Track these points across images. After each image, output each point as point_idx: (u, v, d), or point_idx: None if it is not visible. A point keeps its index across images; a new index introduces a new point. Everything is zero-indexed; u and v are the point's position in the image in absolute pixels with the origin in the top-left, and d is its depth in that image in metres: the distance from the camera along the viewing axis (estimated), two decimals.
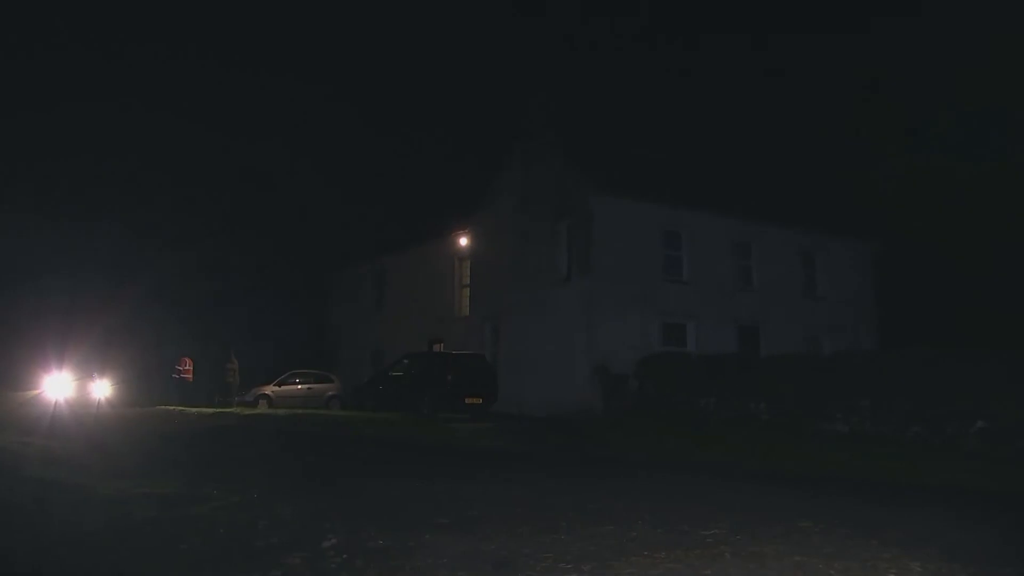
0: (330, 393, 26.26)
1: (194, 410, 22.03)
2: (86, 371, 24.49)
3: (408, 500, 7.57)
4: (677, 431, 15.39)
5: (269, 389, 25.74)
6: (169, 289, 33.20)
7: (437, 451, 12.80)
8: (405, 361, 22.00)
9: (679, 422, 16.76)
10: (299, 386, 26.17)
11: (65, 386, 23.53)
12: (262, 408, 24.07)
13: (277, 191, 51.92)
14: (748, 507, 7.36)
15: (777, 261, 24.26)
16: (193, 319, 31.49)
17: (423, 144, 51.59)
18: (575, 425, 17.46)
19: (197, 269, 36.88)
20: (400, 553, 5.35)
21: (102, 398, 24.40)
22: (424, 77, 64.90)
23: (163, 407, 23.41)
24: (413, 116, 59.85)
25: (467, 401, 19.83)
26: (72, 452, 11.17)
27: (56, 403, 22.07)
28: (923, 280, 28.49)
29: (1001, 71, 27.97)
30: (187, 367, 25.64)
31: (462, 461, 11.25)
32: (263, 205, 48.62)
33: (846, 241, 25.73)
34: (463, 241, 26.39)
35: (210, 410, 22.10)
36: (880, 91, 33.43)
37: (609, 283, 21.25)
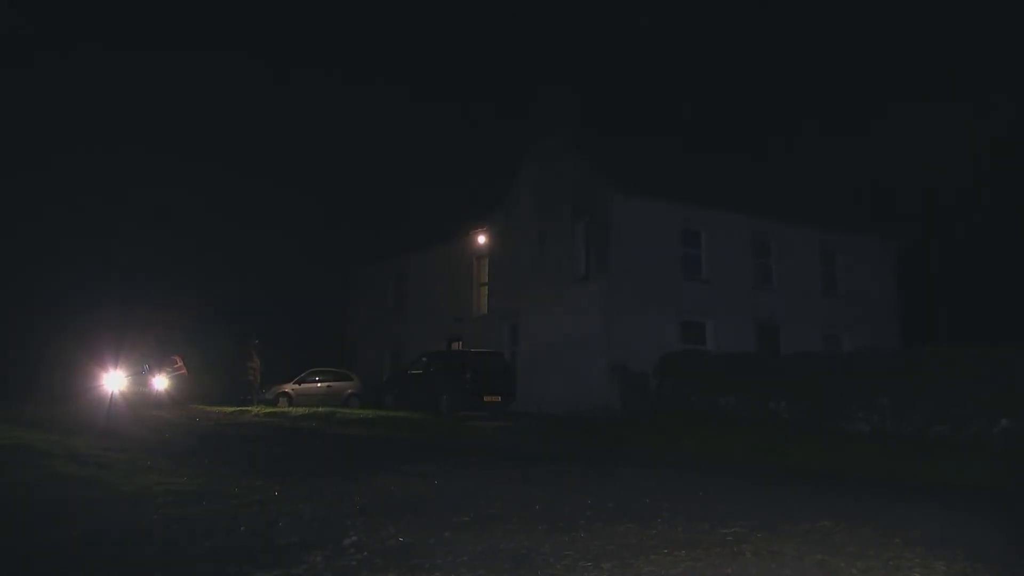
0: (349, 391, 26.41)
1: (214, 408, 22.28)
2: (141, 366, 25.19)
3: (427, 498, 7.59)
4: (696, 430, 15.31)
5: (289, 387, 25.93)
6: (198, 289, 33.73)
7: (456, 449, 12.83)
8: (424, 359, 22.07)
9: (698, 421, 16.68)
10: (319, 384, 26.33)
11: (120, 381, 24.23)
12: (282, 406, 24.25)
13: (298, 190, 52.37)
14: (768, 505, 7.32)
15: (797, 259, 24.09)
16: (215, 318, 31.87)
17: (442, 143, 51.79)
18: (593, 423, 17.42)
19: (220, 268, 37.33)
20: (420, 551, 5.37)
21: (162, 390, 25.09)
22: (443, 78, 65.07)
23: (186, 404, 23.72)
24: (431, 116, 60.03)
25: (486, 399, 19.87)
26: (96, 449, 11.29)
27: (112, 397, 22.65)
28: (945, 277, 28.22)
29: None
30: (179, 364, 26.22)
31: (481, 459, 11.26)
32: (284, 205, 49.07)
33: (867, 239, 25.51)
34: (481, 240, 26.42)
35: (230, 408, 22.32)
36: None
37: (627, 281, 21.19)
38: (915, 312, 26.14)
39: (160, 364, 26.43)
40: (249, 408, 22.51)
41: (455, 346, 26.55)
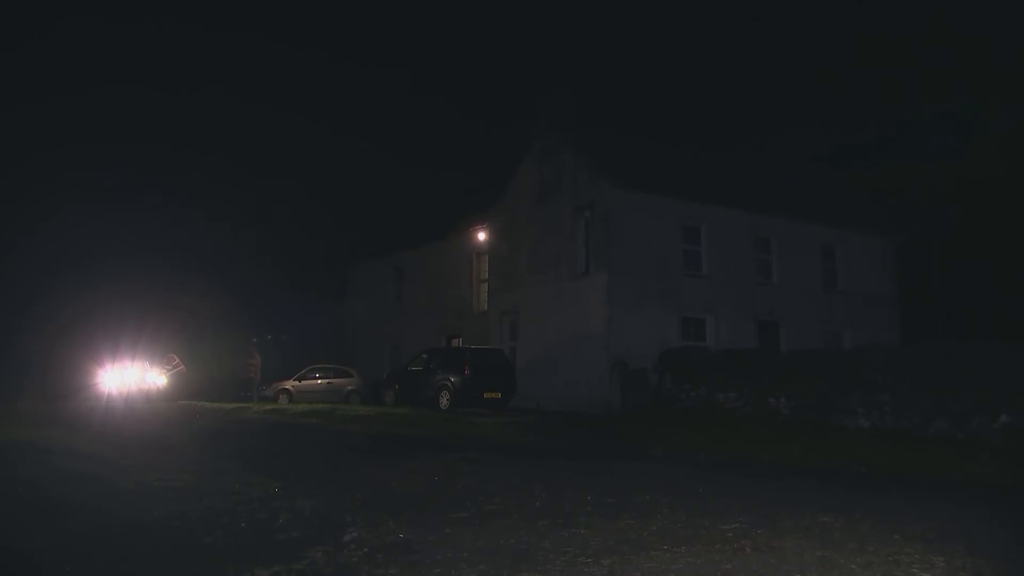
0: (349, 388, 26.42)
1: (214, 405, 22.27)
2: (139, 363, 25.16)
3: (428, 494, 7.60)
4: (696, 426, 15.32)
5: (289, 384, 25.93)
6: (197, 286, 33.71)
7: (456, 446, 12.83)
8: (424, 356, 22.06)
9: (698, 417, 16.69)
10: (319, 381, 26.34)
11: (119, 378, 24.14)
12: (282, 403, 24.25)
13: (297, 187, 52.39)
14: (769, 501, 7.32)
15: (797, 255, 24.08)
16: (214, 315, 31.86)
17: (442, 139, 51.73)
18: (594, 420, 17.43)
19: (219, 265, 37.32)
20: (420, 547, 5.37)
21: (155, 388, 25.05)
22: (443, 73, 64.98)
23: (185, 401, 23.71)
24: (432, 112, 59.97)
25: (485, 396, 19.87)
26: (96, 446, 11.30)
27: (108, 395, 22.56)
28: (945, 274, 28.19)
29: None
30: (177, 361, 26.27)
31: (481, 456, 11.26)
32: (283, 201, 49.07)
33: (867, 235, 25.49)
34: (481, 236, 26.40)
35: (230, 405, 22.33)
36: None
37: (628, 277, 21.19)
38: (915, 308, 26.14)
39: (159, 361, 26.47)
40: (249, 405, 22.52)
41: (455, 342, 26.55)
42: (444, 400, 19.95)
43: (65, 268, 35.04)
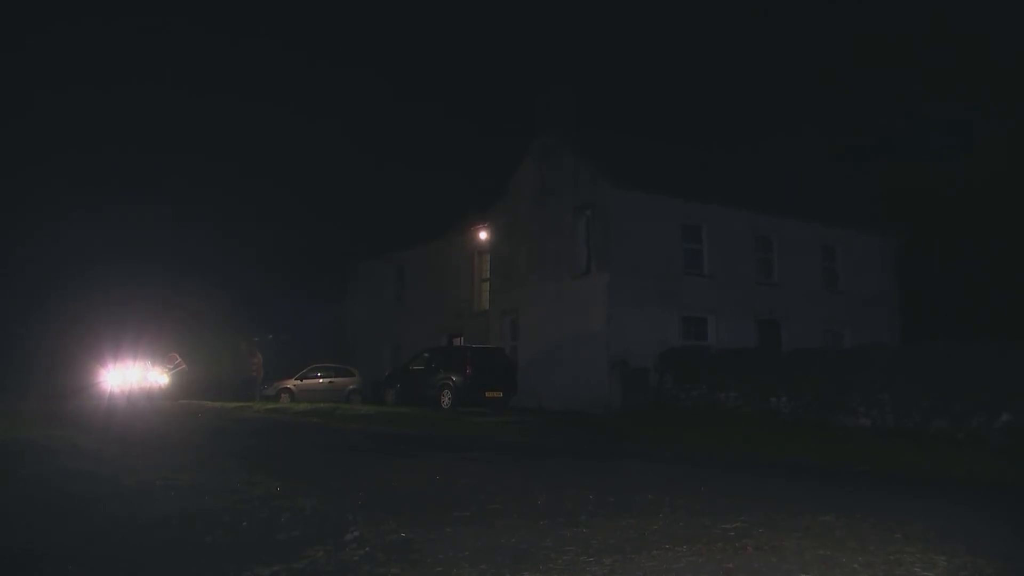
0: (351, 387, 26.43)
1: (216, 404, 22.28)
2: (142, 362, 25.17)
3: (429, 494, 7.60)
4: (697, 425, 15.33)
5: (291, 383, 25.95)
6: (198, 285, 33.73)
7: (457, 445, 12.84)
8: (425, 355, 22.08)
9: (699, 416, 16.70)
10: (320, 380, 26.36)
11: (120, 377, 24.12)
12: (284, 402, 24.27)
13: (298, 186, 52.41)
14: (770, 500, 7.32)
15: (798, 254, 24.07)
16: (215, 314, 31.88)
17: (443, 138, 51.71)
18: (594, 419, 17.44)
19: (220, 264, 37.34)
20: (421, 546, 5.37)
21: (157, 387, 25.07)
22: (444, 72, 64.99)
23: (187, 400, 23.72)
24: (432, 111, 59.97)
25: (486, 395, 19.89)
26: (98, 444, 11.30)
27: (110, 394, 22.54)
28: (946, 273, 28.18)
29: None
30: (179, 360, 26.33)
31: (482, 455, 11.27)
32: (285, 200, 49.08)
33: (868, 234, 25.48)
34: (482, 235, 26.41)
35: (232, 404, 22.34)
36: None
37: (628, 277, 21.18)
38: (916, 307, 26.12)
39: (160, 360, 26.51)
40: (251, 404, 22.54)
41: (456, 342, 26.55)
42: (445, 399, 19.97)
43: (67, 269, 35.07)
